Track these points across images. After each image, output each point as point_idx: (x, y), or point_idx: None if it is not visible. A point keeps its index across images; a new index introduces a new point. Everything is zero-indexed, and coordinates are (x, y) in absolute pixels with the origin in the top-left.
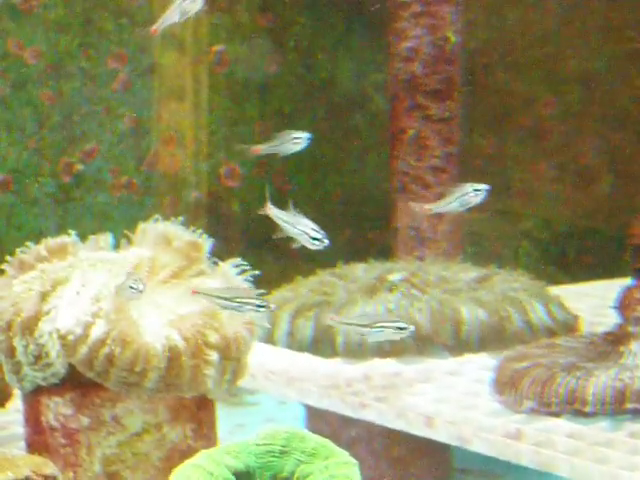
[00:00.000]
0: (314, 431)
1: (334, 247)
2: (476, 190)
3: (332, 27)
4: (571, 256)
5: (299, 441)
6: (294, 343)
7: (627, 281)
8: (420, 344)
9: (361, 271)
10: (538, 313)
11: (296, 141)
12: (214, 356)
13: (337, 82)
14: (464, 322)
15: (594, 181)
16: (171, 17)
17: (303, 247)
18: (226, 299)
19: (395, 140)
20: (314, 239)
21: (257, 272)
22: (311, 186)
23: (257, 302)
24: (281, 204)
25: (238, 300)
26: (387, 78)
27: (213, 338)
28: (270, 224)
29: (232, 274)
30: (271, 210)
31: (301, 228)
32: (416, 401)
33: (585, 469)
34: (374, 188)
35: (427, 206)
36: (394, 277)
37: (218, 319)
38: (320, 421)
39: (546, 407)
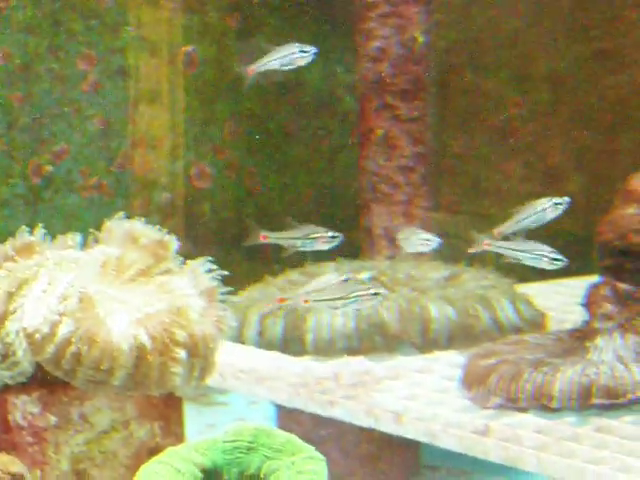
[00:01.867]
0: (285, 430)
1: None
2: (556, 204)
3: (301, 28)
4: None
5: (266, 437)
6: (264, 342)
7: (594, 279)
8: (389, 342)
9: (330, 270)
10: (506, 311)
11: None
12: (182, 354)
13: (307, 82)
14: (433, 320)
15: (562, 180)
16: (271, 64)
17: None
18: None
19: (364, 140)
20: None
21: (225, 272)
22: (281, 187)
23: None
24: (252, 205)
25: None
26: (356, 78)
27: (180, 336)
28: (242, 226)
29: (200, 272)
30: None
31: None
32: (385, 398)
33: (552, 463)
34: (344, 188)
35: (497, 230)
36: (363, 276)
37: (186, 317)
38: (290, 420)
39: (513, 403)
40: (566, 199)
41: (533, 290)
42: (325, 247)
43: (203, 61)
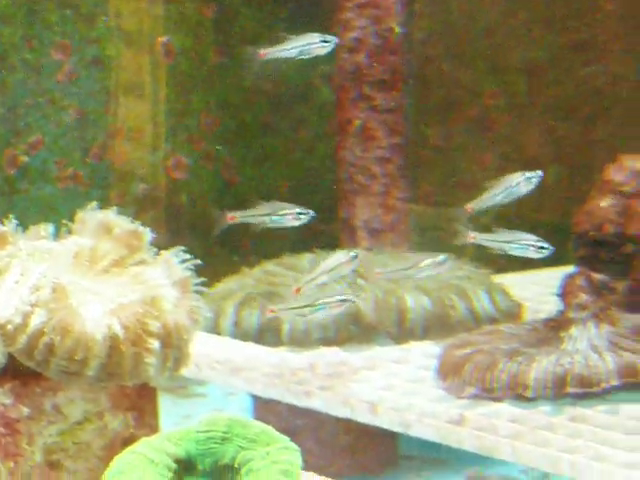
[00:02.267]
0: (261, 421)
1: (282, 238)
2: (529, 177)
3: (277, 18)
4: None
5: (241, 428)
6: (240, 333)
7: (570, 269)
8: (365, 332)
9: (307, 261)
10: (482, 301)
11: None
12: (155, 344)
13: (283, 73)
14: (409, 310)
15: (540, 171)
16: (288, 52)
17: (252, 239)
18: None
19: (341, 131)
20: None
21: (199, 262)
22: (259, 178)
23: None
24: (229, 195)
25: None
26: (333, 69)
27: (154, 326)
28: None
29: (173, 263)
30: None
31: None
32: (360, 389)
33: (526, 452)
34: (322, 179)
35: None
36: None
37: (159, 308)
38: (267, 411)
39: (488, 392)
40: (539, 172)
41: (509, 280)
42: (294, 224)
43: (179, 51)
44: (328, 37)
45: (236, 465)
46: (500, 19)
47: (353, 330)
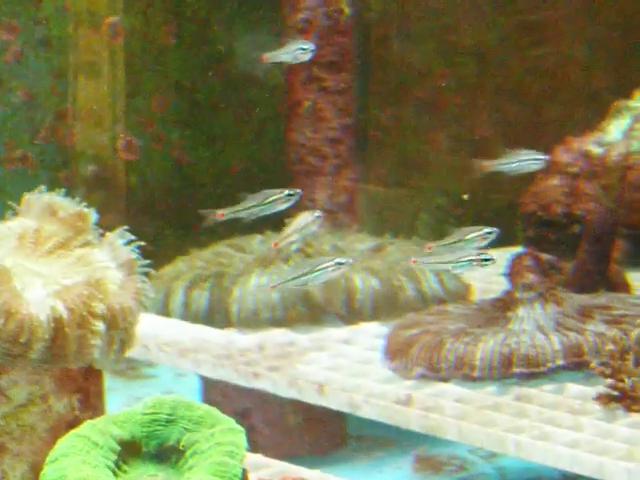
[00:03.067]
0: (210, 402)
1: (234, 219)
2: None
3: None
4: (468, 225)
5: (185, 409)
6: (189, 314)
7: (518, 249)
8: (314, 313)
9: (257, 242)
10: (430, 282)
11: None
12: (100, 326)
13: (235, 54)
14: (357, 291)
15: (489, 152)
16: (282, 57)
17: (202, 219)
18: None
19: (291, 112)
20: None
21: (143, 242)
22: (210, 159)
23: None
24: (180, 177)
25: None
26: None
27: (99, 308)
28: (170, 198)
29: (119, 244)
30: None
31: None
32: (308, 370)
33: (472, 432)
34: (273, 160)
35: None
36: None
37: (104, 290)
38: (216, 392)
39: (435, 373)
40: (496, 230)
41: None
42: (287, 206)
43: (129, 32)
44: (306, 45)
45: (181, 447)
46: (451, 0)
47: (302, 311)
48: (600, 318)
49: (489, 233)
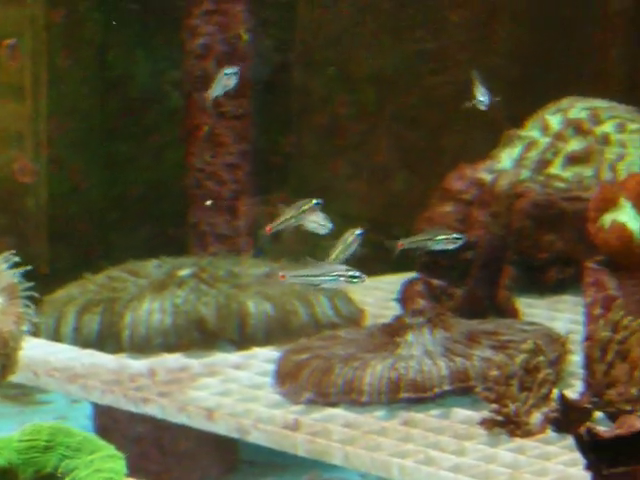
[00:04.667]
0: (102, 428)
1: (131, 244)
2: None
3: (128, 23)
4: (367, 250)
5: (64, 436)
6: (80, 339)
7: (413, 275)
8: (207, 338)
9: (152, 267)
10: (323, 307)
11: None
12: None
13: (134, 78)
14: (250, 316)
15: (389, 178)
16: (216, 90)
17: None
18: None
19: (190, 137)
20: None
21: (29, 267)
22: (108, 183)
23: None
24: (77, 201)
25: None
26: (182, 75)
27: None
28: (68, 222)
29: (2, 268)
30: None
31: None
32: (199, 395)
33: (358, 457)
34: (172, 185)
35: None
36: (183, 273)
37: None
38: (108, 418)
39: (324, 397)
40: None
41: (355, 286)
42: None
43: (26, 54)
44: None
45: (59, 474)
46: (350, 28)
47: (195, 336)
48: (487, 343)
49: (457, 239)
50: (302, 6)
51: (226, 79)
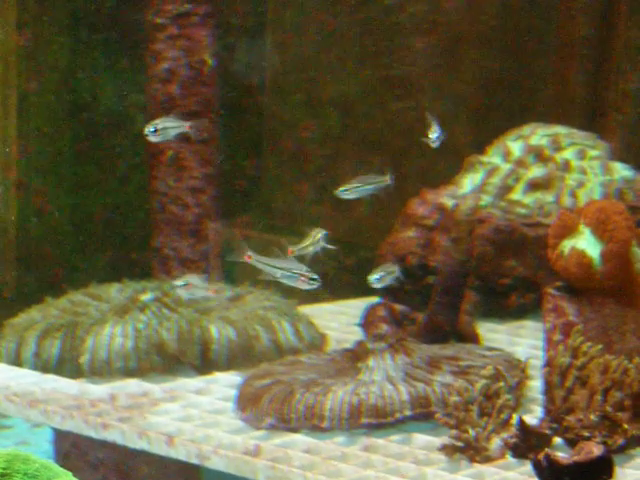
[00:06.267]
0: (62, 454)
1: (95, 268)
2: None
3: (92, 47)
4: (331, 274)
5: (21, 463)
6: (40, 364)
7: (376, 299)
8: (168, 363)
9: (115, 291)
10: (286, 332)
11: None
12: None
13: (98, 102)
14: (213, 341)
15: (351, 203)
16: (168, 134)
17: (64, 267)
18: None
19: (155, 161)
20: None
21: None
22: (72, 207)
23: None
24: (41, 224)
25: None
26: (147, 99)
27: None
28: (32, 246)
29: None
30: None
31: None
32: (159, 420)
33: None
34: (136, 209)
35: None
36: (145, 297)
37: None
38: (68, 444)
39: (285, 423)
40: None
41: (319, 310)
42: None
43: None
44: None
45: None
46: (315, 54)
47: (156, 360)
48: (448, 369)
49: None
50: (269, 31)
51: (173, 133)
